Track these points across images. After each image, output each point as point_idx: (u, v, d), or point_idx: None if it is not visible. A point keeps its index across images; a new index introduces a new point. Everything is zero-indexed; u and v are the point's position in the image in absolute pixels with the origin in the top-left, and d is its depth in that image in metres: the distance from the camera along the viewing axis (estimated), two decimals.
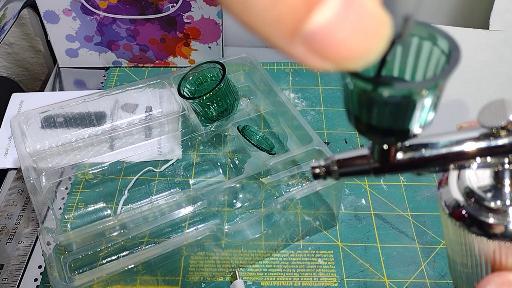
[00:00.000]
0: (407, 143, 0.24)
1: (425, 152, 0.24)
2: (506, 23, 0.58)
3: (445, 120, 0.62)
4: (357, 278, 0.52)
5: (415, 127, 0.21)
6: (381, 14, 0.16)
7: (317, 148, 0.53)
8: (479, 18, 0.71)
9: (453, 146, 0.24)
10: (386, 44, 0.16)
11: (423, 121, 0.21)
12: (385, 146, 0.24)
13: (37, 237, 0.54)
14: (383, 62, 0.20)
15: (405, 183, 0.61)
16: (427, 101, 0.20)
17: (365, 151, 0.25)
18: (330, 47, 0.15)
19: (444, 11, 0.75)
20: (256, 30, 0.16)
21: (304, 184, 0.57)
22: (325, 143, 0.63)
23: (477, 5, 0.72)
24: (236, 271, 0.50)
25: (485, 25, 0.59)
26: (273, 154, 0.58)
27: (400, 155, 0.24)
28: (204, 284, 0.51)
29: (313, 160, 0.55)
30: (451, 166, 0.25)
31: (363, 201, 0.59)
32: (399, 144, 0.24)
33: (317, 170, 0.26)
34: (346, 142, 0.65)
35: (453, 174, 0.27)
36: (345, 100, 0.22)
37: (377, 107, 0.20)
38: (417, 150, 0.24)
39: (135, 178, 0.59)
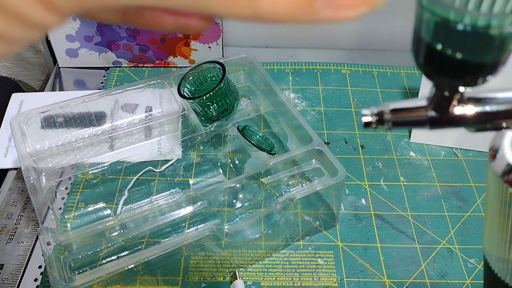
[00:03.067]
0: (468, 94, 0.23)
1: (485, 106, 0.23)
2: None
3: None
4: (357, 278, 0.52)
5: (489, 68, 0.20)
6: None
7: (317, 148, 0.53)
8: None
9: None
10: None
11: (498, 59, 0.20)
12: (447, 93, 0.23)
13: (37, 237, 0.54)
14: None
15: (405, 183, 0.61)
16: (509, 37, 0.19)
17: (422, 102, 0.24)
18: None
19: None
20: (281, 19, 0.16)
21: (304, 184, 0.57)
22: (325, 143, 0.63)
23: None
24: (236, 271, 0.50)
25: None
26: (273, 154, 0.58)
27: (458, 108, 0.24)
28: (204, 284, 0.51)
29: (313, 160, 0.55)
30: (510, 122, 0.24)
31: (363, 201, 0.59)
32: (458, 96, 0.23)
33: (369, 119, 0.25)
34: (346, 142, 0.65)
35: (506, 141, 0.26)
36: (416, 34, 0.21)
37: (455, 38, 0.19)
38: (477, 103, 0.23)
39: (135, 178, 0.59)
